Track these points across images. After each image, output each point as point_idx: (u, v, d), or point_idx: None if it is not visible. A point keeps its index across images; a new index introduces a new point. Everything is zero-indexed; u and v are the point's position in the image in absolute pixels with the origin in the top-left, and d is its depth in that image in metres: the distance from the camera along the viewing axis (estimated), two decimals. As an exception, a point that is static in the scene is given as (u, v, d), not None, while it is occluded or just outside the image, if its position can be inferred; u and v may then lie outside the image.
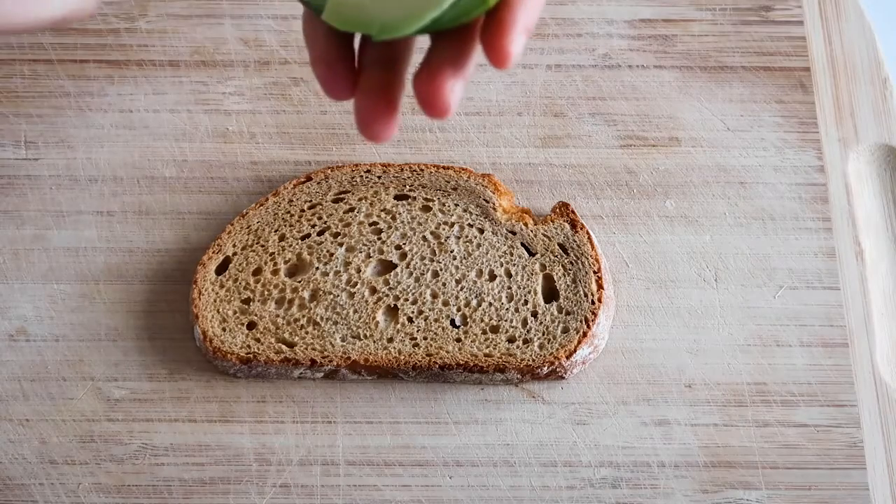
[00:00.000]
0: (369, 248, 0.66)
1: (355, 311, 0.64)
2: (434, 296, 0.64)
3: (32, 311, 0.66)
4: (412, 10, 0.41)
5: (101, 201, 0.69)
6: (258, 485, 0.63)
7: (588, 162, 0.70)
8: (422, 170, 0.68)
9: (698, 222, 0.69)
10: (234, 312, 0.64)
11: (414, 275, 0.65)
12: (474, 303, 0.64)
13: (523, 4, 0.41)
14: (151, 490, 0.63)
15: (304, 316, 0.64)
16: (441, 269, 0.65)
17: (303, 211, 0.67)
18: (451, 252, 0.65)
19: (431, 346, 0.63)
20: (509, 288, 0.65)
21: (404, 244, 0.66)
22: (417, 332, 0.64)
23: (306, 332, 0.64)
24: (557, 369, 0.63)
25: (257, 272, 0.65)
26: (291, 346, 0.64)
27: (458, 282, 0.65)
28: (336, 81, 0.43)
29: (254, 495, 0.62)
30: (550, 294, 0.65)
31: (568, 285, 0.65)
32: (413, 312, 0.64)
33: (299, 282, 0.65)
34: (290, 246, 0.66)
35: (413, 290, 0.65)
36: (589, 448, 0.64)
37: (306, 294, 0.65)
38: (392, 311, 0.65)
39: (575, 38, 0.74)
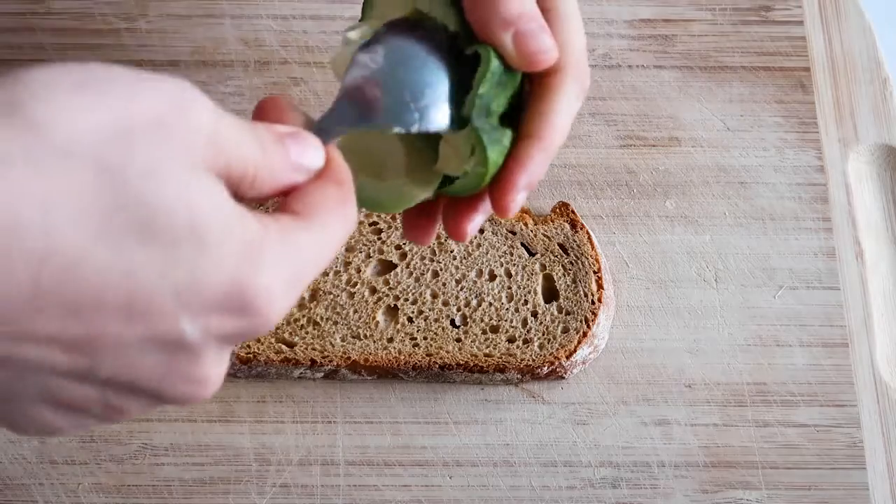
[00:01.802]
0: (369, 248, 0.66)
1: (355, 311, 0.64)
2: (434, 296, 0.64)
3: (32, 311, 0.66)
4: (401, 196, 0.50)
5: (101, 201, 0.69)
6: (258, 485, 0.63)
7: (588, 162, 0.70)
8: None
9: (698, 222, 0.69)
10: (234, 312, 0.64)
11: (414, 275, 0.65)
12: (474, 303, 0.64)
13: (524, 170, 0.48)
14: (151, 490, 0.63)
15: (303, 316, 0.64)
16: (441, 269, 0.65)
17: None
18: (451, 252, 0.65)
19: (431, 346, 0.63)
20: (509, 288, 0.65)
21: (404, 244, 0.66)
22: (417, 332, 0.64)
23: (306, 332, 0.64)
24: (557, 369, 0.63)
25: (257, 272, 0.65)
26: (291, 346, 0.64)
27: (458, 282, 0.65)
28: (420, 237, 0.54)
29: (254, 495, 0.62)
30: (550, 294, 0.65)
31: (568, 285, 0.65)
32: (413, 312, 0.64)
33: (299, 282, 0.65)
34: (290, 246, 0.66)
35: (413, 290, 0.65)
36: (589, 448, 0.64)
37: (306, 294, 0.65)
38: (392, 311, 0.65)
39: (575, 38, 0.74)
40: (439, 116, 0.48)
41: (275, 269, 0.39)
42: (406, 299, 0.64)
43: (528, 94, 0.49)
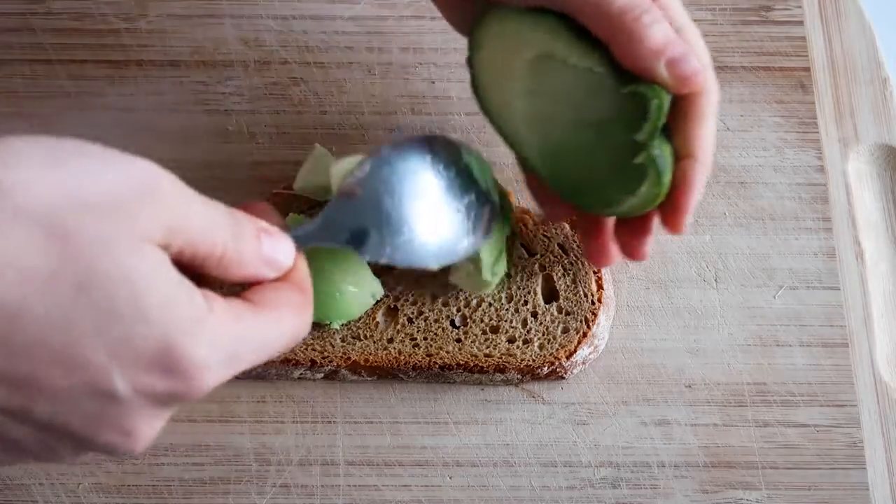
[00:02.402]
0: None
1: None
2: (434, 296, 0.64)
3: (32, 311, 0.66)
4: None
5: (101, 201, 0.69)
6: (258, 485, 0.63)
7: (588, 162, 0.70)
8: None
9: (698, 222, 0.69)
10: (234, 312, 0.64)
11: (414, 275, 0.65)
12: (474, 303, 0.64)
13: (694, 191, 0.54)
14: (151, 490, 0.63)
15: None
16: (441, 270, 0.65)
17: (302, 212, 0.66)
18: (451, 252, 0.65)
19: (431, 346, 0.63)
20: (509, 288, 0.65)
21: (404, 244, 0.66)
22: (417, 332, 0.64)
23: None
24: (557, 369, 0.63)
25: (257, 272, 0.65)
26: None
27: (458, 282, 0.65)
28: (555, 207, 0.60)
29: (254, 495, 0.63)
30: (550, 294, 0.65)
31: (568, 285, 0.64)
32: (413, 313, 0.64)
33: (299, 282, 0.65)
34: (290, 246, 0.66)
35: (413, 291, 0.65)
36: (589, 448, 0.64)
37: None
38: (392, 312, 0.65)
39: (575, 38, 0.74)
40: (417, 252, 0.53)
41: (212, 344, 0.42)
42: (406, 300, 0.64)
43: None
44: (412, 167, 0.55)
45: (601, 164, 0.55)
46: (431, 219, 0.54)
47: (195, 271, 0.45)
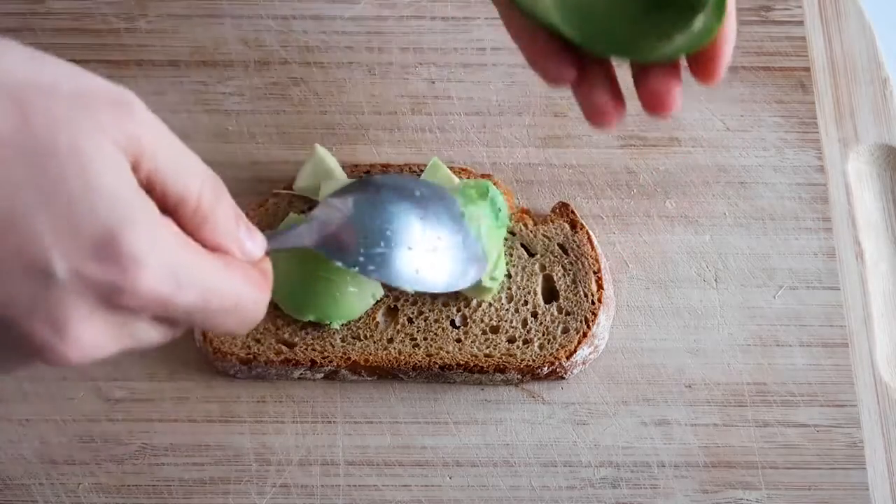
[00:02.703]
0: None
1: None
2: (434, 296, 0.64)
3: (32, 311, 0.66)
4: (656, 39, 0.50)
5: (101, 201, 0.69)
6: (258, 485, 0.63)
7: (588, 162, 0.70)
8: (422, 170, 0.68)
9: (698, 222, 0.69)
10: (234, 313, 0.64)
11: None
12: (474, 303, 0.64)
13: (731, 39, 0.51)
14: (151, 490, 0.63)
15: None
16: (441, 270, 0.65)
17: (303, 212, 0.66)
18: (451, 252, 0.65)
19: (431, 346, 0.63)
20: (509, 288, 0.65)
21: (404, 244, 0.66)
22: (417, 332, 0.64)
23: (306, 333, 0.64)
24: (557, 369, 0.63)
25: (257, 272, 0.65)
26: (291, 346, 0.64)
27: (458, 282, 0.65)
28: (561, 67, 0.53)
29: (254, 495, 0.63)
30: (550, 294, 0.65)
31: (568, 285, 0.64)
32: (413, 313, 0.64)
33: (299, 282, 0.65)
34: (290, 246, 0.66)
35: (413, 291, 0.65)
36: (589, 448, 0.64)
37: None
38: (392, 312, 0.65)
39: (575, 38, 0.74)
40: (390, 269, 0.55)
41: (155, 246, 0.42)
42: (406, 300, 0.64)
43: None
44: (400, 196, 0.57)
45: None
46: (409, 243, 0.56)
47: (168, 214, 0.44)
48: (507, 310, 0.64)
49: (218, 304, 0.45)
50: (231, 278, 0.46)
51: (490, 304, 0.64)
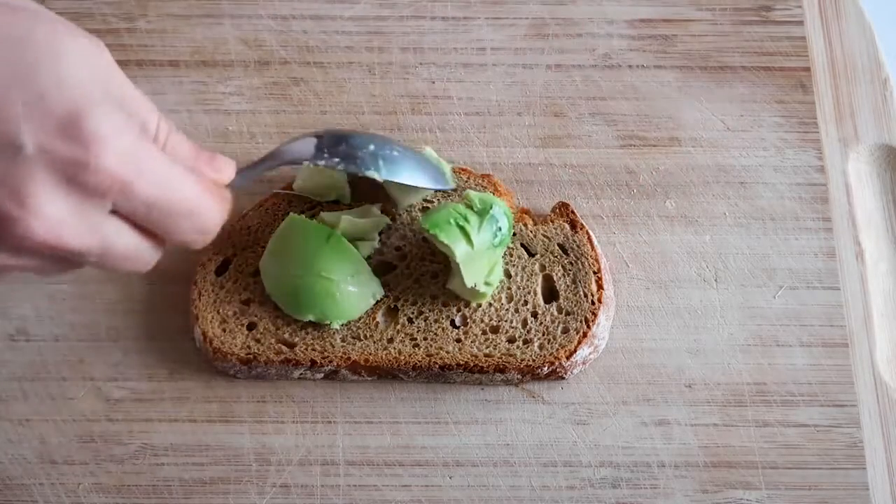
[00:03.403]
0: (369, 249, 0.66)
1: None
2: (434, 296, 0.64)
3: (32, 310, 0.66)
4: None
5: (101, 201, 0.69)
6: (258, 485, 0.63)
7: (588, 162, 0.70)
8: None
9: (698, 222, 0.69)
10: (234, 313, 0.64)
11: (414, 276, 0.65)
12: (474, 303, 0.64)
13: None
14: (151, 490, 0.63)
15: (304, 316, 0.64)
16: (440, 271, 0.65)
17: (302, 212, 0.66)
18: (451, 252, 0.65)
19: (431, 346, 0.63)
20: (509, 288, 0.65)
21: (403, 245, 0.66)
22: (417, 332, 0.64)
23: (306, 333, 0.64)
24: (557, 369, 0.63)
25: (257, 273, 0.65)
26: (291, 346, 0.64)
27: (458, 282, 0.65)
28: None
29: (254, 495, 0.63)
30: (550, 294, 0.65)
31: (568, 286, 0.64)
32: (413, 313, 0.64)
33: (299, 282, 0.65)
34: (290, 246, 0.66)
35: (413, 291, 0.65)
36: (589, 448, 0.64)
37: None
38: (392, 312, 0.65)
39: (575, 38, 0.74)
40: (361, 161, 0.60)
41: (119, 130, 0.45)
42: (406, 300, 0.64)
43: None
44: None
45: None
46: (391, 146, 0.61)
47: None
48: (507, 310, 0.64)
49: (177, 203, 0.49)
50: (191, 182, 0.50)
51: (490, 304, 0.64)
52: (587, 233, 0.66)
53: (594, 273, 0.65)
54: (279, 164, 0.59)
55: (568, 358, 0.63)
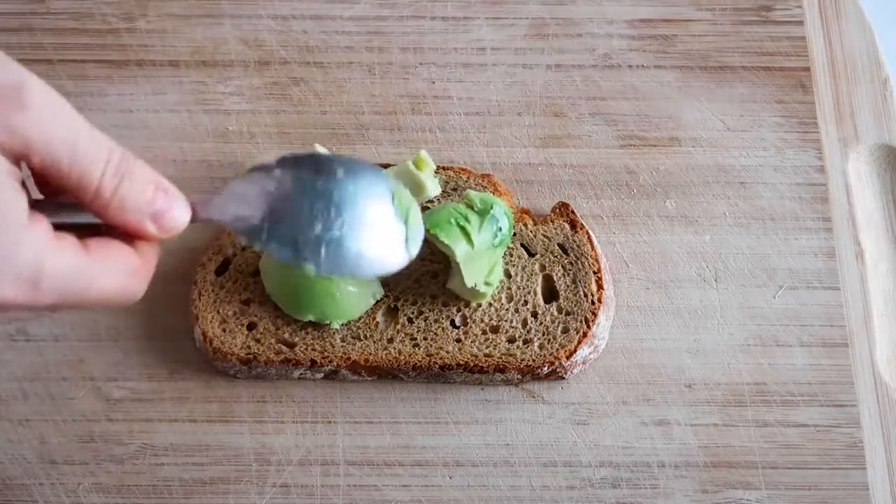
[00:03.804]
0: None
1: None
2: (434, 296, 0.64)
3: (32, 311, 0.66)
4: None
5: (101, 201, 0.69)
6: (258, 485, 0.63)
7: (588, 162, 0.70)
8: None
9: (698, 222, 0.69)
10: (234, 313, 0.64)
11: (413, 276, 0.65)
12: (474, 303, 0.64)
13: None
14: (151, 490, 0.63)
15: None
16: (440, 271, 0.65)
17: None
18: (451, 252, 0.65)
19: (431, 346, 0.63)
20: (509, 288, 0.65)
21: (404, 244, 0.66)
22: (417, 332, 0.64)
23: (306, 333, 0.64)
24: (557, 369, 0.63)
25: (257, 273, 0.65)
26: (291, 346, 0.64)
27: (458, 282, 0.65)
28: None
29: (254, 495, 0.63)
30: (550, 294, 0.65)
31: (568, 285, 0.64)
32: (413, 313, 0.64)
33: (299, 282, 0.65)
34: (290, 246, 0.66)
35: (413, 291, 0.65)
36: (589, 448, 0.64)
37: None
38: (392, 312, 0.65)
39: (575, 38, 0.74)
40: (291, 244, 0.52)
41: (17, 256, 0.44)
42: (406, 300, 0.64)
43: None
44: (317, 174, 0.54)
45: None
46: (318, 223, 0.53)
47: (72, 198, 0.46)
48: (507, 310, 0.64)
49: (80, 301, 0.47)
50: (100, 275, 0.47)
51: (490, 304, 0.64)
52: (587, 233, 0.66)
53: (594, 273, 0.65)
54: (220, 223, 0.54)
55: (568, 358, 0.63)
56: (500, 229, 0.62)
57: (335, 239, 0.53)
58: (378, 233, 0.54)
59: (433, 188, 0.66)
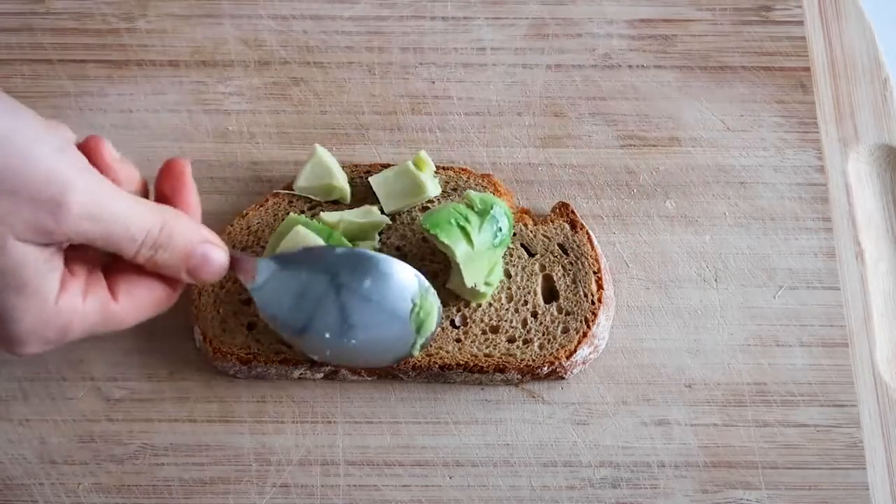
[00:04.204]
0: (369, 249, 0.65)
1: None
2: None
3: (32, 311, 0.66)
4: None
5: (101, 201, 0.68)
6: (258, 485, 0.63)
7: (588, 162, 0.70)
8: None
9: (698, 222, 0.69)
10: (234, 313, 0.64)
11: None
12: (474, 303, 0.64)
13: None
14: (151, 490, 0.63)
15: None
16: (440, 271, 0.65)
17: (303, 212, 0.66)
18: (451, 252, 0.65)
19: (431, 346, 0.63)
20: (509, 288, 0.65)
21: (403, 245, 0.66)
22: (417, 332, 0.64)
23: (306, 333, 0.64)
24: (557, 369, 0.63)
25: (257, 272, 0.65)
26: (291, 346, 0.63)
27: (458, 282, 0.64)
28: None
29: (254, 495, 0.62)
30: (550, 294, 0.65)
31: (568, 286, 0.64)
32: (413, 312, 0.64)
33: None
34: (290, 246, 0.66)
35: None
36: (589, 448, 0.64)
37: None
38: (392, 312, 0.64)
39: (575, 38, 0.74)
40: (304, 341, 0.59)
41: (39, 325, 0.51)
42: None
43: None
44: (348, 277, 0.59)
45: None
46: (327, 329, 0.59)
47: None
48: (506, 310, 0.64)
49: (106, 333, 0.54)
50: (127, 316, 0.54)
51: (490, 304, 0.64)
52: (587, 233, 0.66)
53: (594, 273, 0.65)
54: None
55: (568, 358, 0.63)
56: (500, 229, 0.62)
57: (341, 346, 0.59)
58: (384, 346, 0.60)
59: (433, 188, 0.66)
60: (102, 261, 0.54)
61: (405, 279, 0.60)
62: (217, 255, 0.54)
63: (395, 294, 0.59)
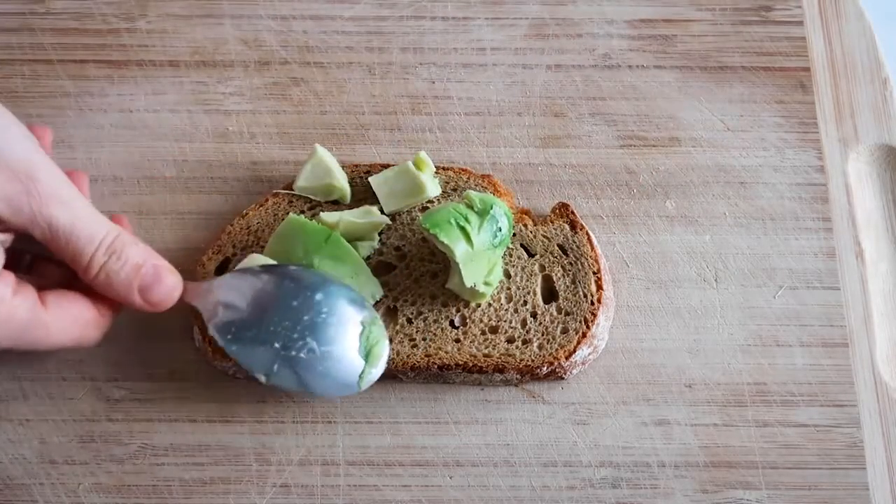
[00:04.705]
0: (369, 249, 0.66)
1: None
2: (433, 297, 0.64)
3: (32, 311, 0.66)
4: None
5: (101, 201, 0.69)
6: (258, 485, 0.63)
7: (588, 162, 0.70)
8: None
9: (698, 222, 0.69)
10: (234, 313, 0.64)
11: (413, 276, 0.65)
12: (473, 303, 0.64)
13: None
14: (151, 490, 0.63)
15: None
16: (440, 271, 0.65)
17: (303, 212, 0.66)
18: (451, 252, 0.65)
19: (430, 346, 0.63)
20: (509, 289, 0.65)
21: (403, 245, 0.66)
22: (416, 332, 0.64)
23: (306, 333, 0.64)
24: (557, 370, 0.63)
25: (257, 272, 0.65)
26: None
27: (457, 282, 0.65)
28: None
29: (254, 495, 0.63)
30: (550, 295, 0.65)
31: (567, 286, 0.64)
32: (412, 313, 0.64)
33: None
34: (290, 246, 0.66)
35: (412, 292, 0.65)
36: (589, 448, 0.64)
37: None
38: (391, 312, 0.64)
39: (575, 38, 0.74)
40: (252, 354, 0.59)
41: None
42: (405, 300, 0.64)
43: None
44: (299, 290, 0.59)
45: None
46: (279, 340, 0.58)
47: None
48: (506, 310, 0.64)
49: (34, 347, 0.54)
50: (53, 327, 0.54)
51: (489, 305, 0.64)
52: (587, 233, 0.66)
53: (594, 273, 0.65)
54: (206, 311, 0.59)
55: (567, 358, 0.63)
56: (500, 229, 0.62)
57: (290, 359, 0.58)
58: (333, 366, 0.59)
59: (433, 188, 0.66)
60: (35, 282, 0.55)
61: (351, 302, 0.60)
62: (166, 274, 0.56)
63: (344, 312, 0.59)
